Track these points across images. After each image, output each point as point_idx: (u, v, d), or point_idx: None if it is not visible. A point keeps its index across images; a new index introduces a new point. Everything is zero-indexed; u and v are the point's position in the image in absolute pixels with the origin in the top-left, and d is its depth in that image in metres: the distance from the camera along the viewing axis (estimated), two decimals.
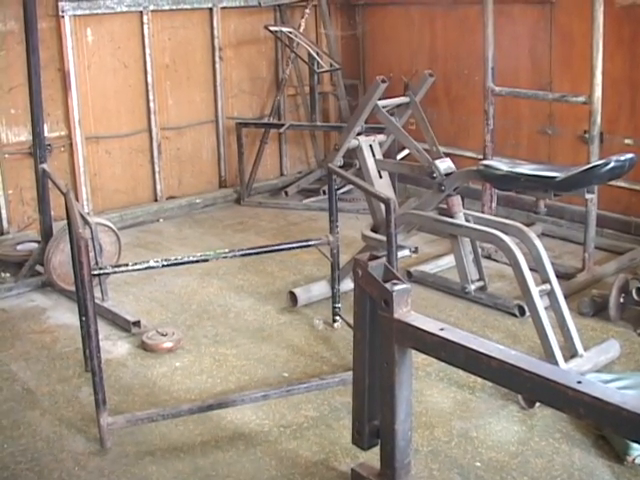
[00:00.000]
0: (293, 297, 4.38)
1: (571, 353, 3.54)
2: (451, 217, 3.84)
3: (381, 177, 4.15)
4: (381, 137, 4.22)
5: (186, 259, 3.54)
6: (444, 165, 3.86)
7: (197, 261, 3.63)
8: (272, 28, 6.20)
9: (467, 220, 3.84)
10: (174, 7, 6.12)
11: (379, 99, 4.05)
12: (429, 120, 4.43)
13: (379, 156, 4.18)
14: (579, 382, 2.02)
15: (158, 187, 6.27)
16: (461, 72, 6.04)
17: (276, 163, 7.03)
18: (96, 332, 2.92)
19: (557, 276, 3.71)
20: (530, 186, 3.44)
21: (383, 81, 3.88)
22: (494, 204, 5.07)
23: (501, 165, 3.55)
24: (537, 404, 3.24)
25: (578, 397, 1.99)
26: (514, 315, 4.17)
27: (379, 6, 6.61)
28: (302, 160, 7.20)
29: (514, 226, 3.67)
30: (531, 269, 3.60)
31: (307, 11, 6.60)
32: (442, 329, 2.32)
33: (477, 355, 2.19)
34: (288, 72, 6.64)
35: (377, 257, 2.47)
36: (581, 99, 4.46)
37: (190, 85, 6.36)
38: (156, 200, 6.28)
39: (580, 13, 5.10)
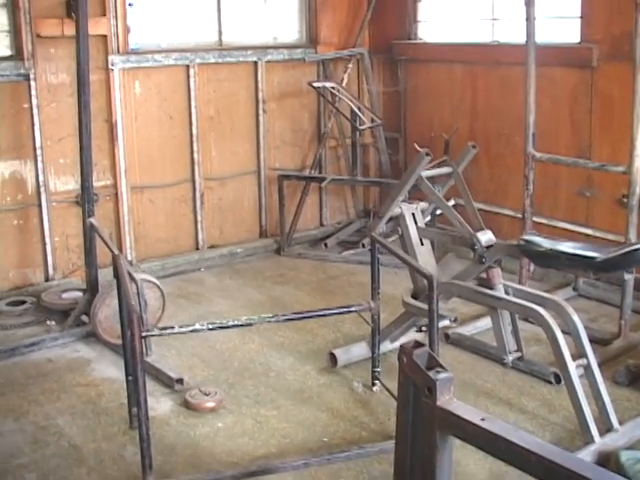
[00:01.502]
0: (333, 358, 4.46)
1: (606, 427, 3.59)
2: (491, 288, 3.91)
3: (422, 244, 4.24)
4: (423, 205, 4.32)
5: (231, 323, 3.67)
6: (485, 237, 3.94)
7: (242, 325, 3.75)
8: (315, 84, 6.34)
9: (506, 292, 3.91)
10: (220, 60, 6.30)
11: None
12: (469, 177, 4.53)
13: (421, 224, 4.27)
14: None
15: (200, 236, 6.40)
16: (501, 131, 6.12)
17: (316, 213, 7.15)
18: (145, 400, 3.02)
19: (593, 341, 3.77)
20: (570, 265, 3.51)
21: (427, 154, 3.98)
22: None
23: (542, 241, 3.63)
24: None
25: None
26: (550, 382, 4.21)
27: (422, 62, 6.73)
28: (341, 211, 7.31)
29: (552, 300, 3.74)
30: (565, 332, 3.68)
31: (350, 66, 6.76)
32: (483, 419, 2.38)
33: (517, 448, 2.25)
34: (330, 126, 6.77)
35: (421, 345, 2.54)
36: (620, 169, 4.53)
37: (233, 136, 6.51)
38: (198, 249, 6.41)
39: (620, 78, 5.18)
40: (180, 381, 4.21)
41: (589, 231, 5.61)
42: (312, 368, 4.50)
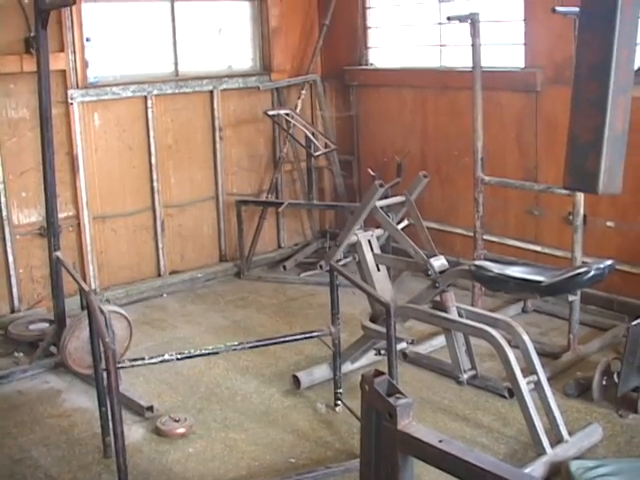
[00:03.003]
0: (296, 380, 4.63)
1: (557, 439, 3.81)
2: (445, 310, 4.12)
3: (379, 270, 4.44)
4: (378, 232, 4.51)
5: (198, 352, 3.85)
6: (438, 263, 4.15)
7: (208, 354, 3.93)
8: (270, 112, 6.52)
9: (459, 314, 4.12)
10: (176, 91, 6.45)
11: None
12: (422, 198, 4.76)
13: (377, 250, 4.46)
14: None
15: (161, 262, 6.54)
16: (451, 153, 6.36)
17: (274, 236, 7.31)
18: (122, 432, 3.18)
19: (543, 355, 4.01)
20: (518, 289, 3.73)
21: (381, 185, 4.18)
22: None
23: (492, 266, 3.84)
24: None
25: None
26: (504, 397, 4.43)
27: (373, 87, 6.95)
28: (298, 232, 7.49)
29: (503, 320, 3.96)
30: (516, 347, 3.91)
31: (303, 92, 6.96)
32: (441, 441, 2.58)
33: (473, 468, 2.45)
34: (285, 151, 6.96)
35: (381, 373, 2.73)
36: (565, 191, 4.76)
37: (192, 164, 6.67)
38: (160, 275, 6.55)
39: (564, 102, 5.36)
40: (150, 409, 4.34)
41: (538, 248, 5.86)
42: (276, 391, 4.66)
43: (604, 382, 4.34)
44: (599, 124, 2.05)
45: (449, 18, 4.99)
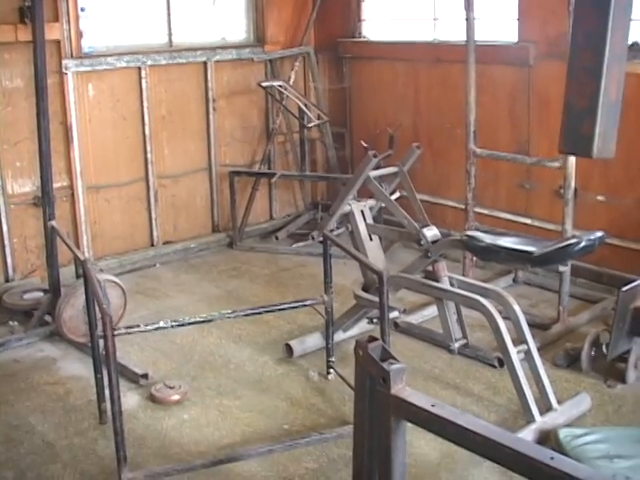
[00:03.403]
0: (289, 349, 4.69)
1: (546, 407, 3.88)
2: (436, 280, 4.18)
3: (371, 240, 4.48)
4: (371, 202, 4.56)
5: (193, 320, 3.90)
6: (430, 233, 4.20)
7: (203, 322, 3.98)
8: (264, 84, 6.53)
9: (451, 284, 4.18)
10: (170, 61, 6.44)
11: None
12: (413, 171, 4.80)
13: (370, 220, 4.51)
14: (552, 458, 2.34)
15: (155, 233, 6.57)
16: (443, 126, 6.39)
17: (266, 207, 7.35)
18: (119, 397, 3.23)
19: (533, 326, 4.07)
20: (509, 259, 3.78)
21: (375, 156, 4.21)
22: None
23: (483, 237, 3.89)
24: None
25: (551, 472, 2.31)
26: (494, 366, 4.50)
27: (366, 60, 6.97)
28: (290, 204, 7.52)
29: (494, 290, 4.02)
30: (507, 318, 3.98)
31: (297, 64, 6.97)
32: (433, 405, 2.64)
33: (464, 431, 2.51)
34: (278, 122, 6.98)
35: (375, 339, 2.79)
36: (556, 164, 4.82)
37: (185, 135, 6.68)
38: (153, 245, 6.58)
39: (556, 76, 5.43)
40: (145, 376, 4.40)
41: (528, 221, 5.92)
42: (270, 359, 4.72)
43: (593, 353, 4.41)
44: (594, 91, 2.10)
45: None
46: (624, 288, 2.55)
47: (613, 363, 4.41)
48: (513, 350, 3.81)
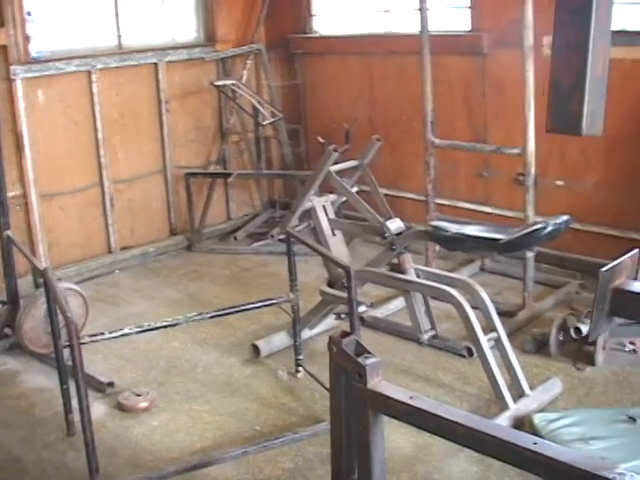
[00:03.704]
0: (256, 349, 4.64)
1: (519, 393, 3.88)
2: (402, 272, 4.15)
3: (334, 235, 4.44)
4: (333, 197, 4.52)
5: (159, 324, 3.82)
6: (394, 225, 4.17)
7: (169, 325, 3.90)
8: (217, 83, 6.47)
9: (417, 275, 4.15)
10: (121, 64, 6.33)
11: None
12: (372, 164, 4.77)
13: (332, 215, 4.47)
14: (535, 443, 2.32)
15: (112, 238, 6.46)
16: (399, 118, 6.37)
17: (223, 208, 7.27)
18: (87, 407, 3.15)
19: (499, 314, 4.06)
20: (476, 247, 3.77)
21: (335, 150, 4.17)
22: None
23: (449, 226, 3.87)
24: None
25: (535, 457, 2.29)
26: (463, 356, 4.48)
27: (318, 55, 6.92)
28: (247, 203, 7.45)
29: (461, 280, 4.01)
30: (475, 307, 3.96)
31: (248, 62, 6.90)
32: (411, 397, 2.60)
33: (445, 422, 2.48)
34: (232, 122, 6.91)
35: (349, 334, 2.74)
36: (516, 151, 4.82)
37: (139, 138, 6.58)
38: (110, 251, 6.46)
39: (510, 64, 5.48)
40: (111, 384, 4.31)
41: (489, 209, 5.93)
42: (237, 360, 4.66)
43: (561, 337, 4.43)
44: (581, 67, 2.07)
45: None
46: (604, 269, 2.54)
47: (581, 346, 4.44)
48: (484, 339, 3.80)
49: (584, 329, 4.30)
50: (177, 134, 6.81)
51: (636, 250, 2.42)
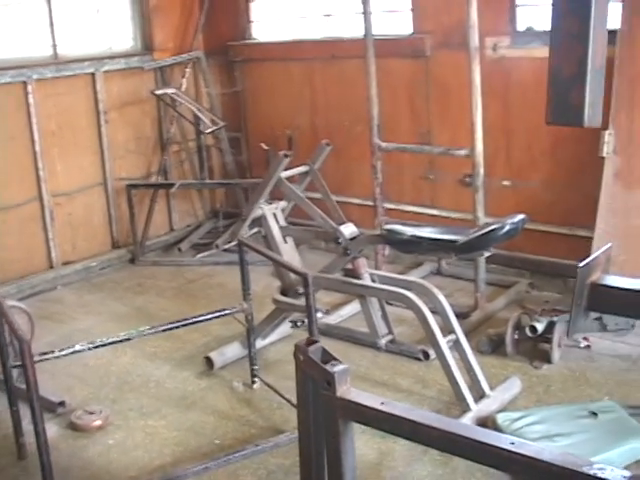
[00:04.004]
0: (209, 361, 4.54)
1: (479, 394, 3.86)
2: (357, 278, 4.11)
3: (286, 242, 4.38)
4: (282, 204, 4.46)
5: (111, 340, 3.70)
6: (348, 230, 4.13)
7: (121, 341, 3.78)
8: (157, 92, 6.36)
9: (373, 280, 4.11)
10: (57, 74, 6.18)
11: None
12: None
13: (282, 222, 4.40)
14: (512, 443, 2.28)
15: (53, 254, 6.28)
16: (342, 124, 6.33)
17: (165, 219, 7.14)
18: (44, 429, 3.02)
19: None
20: (433, 249, 3.74)
21: (285, 155, 4.11)
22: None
23: (404, 229, 3.84)
24: None
25: (514, 457, 2.25)
26: (419, 359, 4.46)
27: (258, 62, 6.85)
28: (190, 213, 7.34)
29: (418, 283, 3.98)
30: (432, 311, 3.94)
31: (187, 70, 6.80)
32: (382, 403, 2.55)
33: (419, 426, 2.43)
34: (173, 131, 6.79)
35: (315, 341, 2.68)
36: (464, 152, 4.83)
37: (77, 150, 6.42)
38: (52, 267, 6.29)
39: (453, 65, 5.51)
40: (62, 404, 4.17)
41: (435, 212, 5.93)
42: (190, 374, 4.56)
43: (516, 336, 4.43)
44: (581, 57, 2.04)
45: None
46: (581, 264, 2.52)
47: (536, 344, 4.46)
48: (443, 341, 3.77)
49: (539, 327, 4.31)
50: (117, 145, 6.67)
51: (609, 244, 2.41)
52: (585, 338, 4.56)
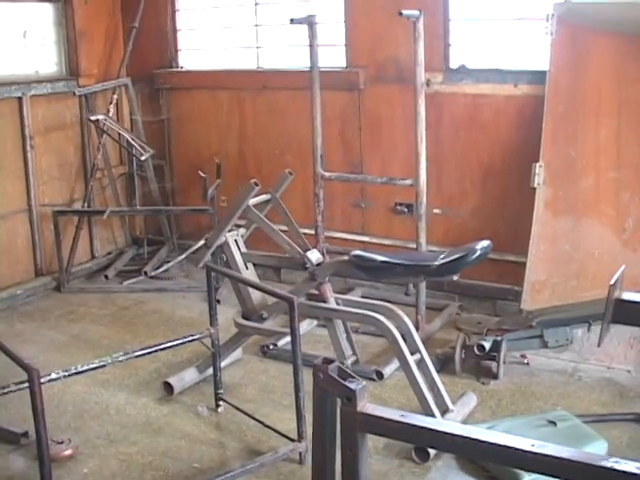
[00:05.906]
0: (168, 386, 4.57)
1: (442, 409, 4.07)
2: (323, 302, 4.26)
3: (247, 268, 4.49)
4: (242, 231, 4.57)
5: (86, 367, 3.71)
6: (314, 256, 4.28)
7: (97, 367, 3.79)
8: (92, 118, 6.35)
9: (338, 303, 4.28)
10: None
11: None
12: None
13: (243, 249, 4.51)
14: (532, 445, 2.49)
15: None
16: (272, 152, 6.47)
17: (87, 246, 7.05)
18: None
19: None
20: (405, 273, 3.94)
21: (256, 184, 4.23)
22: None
23: (372, 256, 4.02)
24: (431, 456, 3.74)
25: (536, 458, 2.46)
26: (373, 379, 4.63)
27: (185, 90, 6.90)
28: (110, 241, 7.29)
29: (384, 306, 4.17)
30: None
31: (115, 97, 6.80)
32: (402, 415, 2.72)
33: (441, 435, 2.62)
34: (100, 157, 6.77)
35: (332, 360, 2.83)
36: (408, 182, 5.06)
37: (2, 175, 6.31)
38: None
39: (386, 99, 5.79)
40: (25, 434, 4.11)
41: (366, 238, 6.14)
42: (149, 399, 4.57)
43: (463, 355, 4.69)
44: None
45: (292, 20, 5.12)
46: (612, 281, 2.72)
47: (479, 362, 4.73)
48: (412, 360, 3.96)
49: (487, 345, 4.58)
50: (41, 171, 6.60)
51: (623, 266, 2.66)
52: (522, 356, 4.87)
